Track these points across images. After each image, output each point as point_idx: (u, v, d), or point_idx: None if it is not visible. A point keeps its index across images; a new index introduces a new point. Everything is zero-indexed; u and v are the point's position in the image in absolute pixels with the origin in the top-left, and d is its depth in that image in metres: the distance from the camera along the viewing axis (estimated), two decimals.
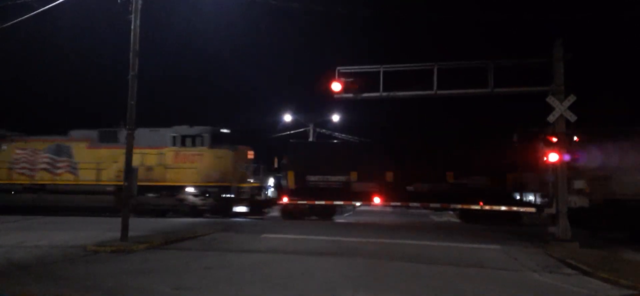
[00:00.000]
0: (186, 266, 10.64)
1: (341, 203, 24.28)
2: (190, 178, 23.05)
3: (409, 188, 22.99)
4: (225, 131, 24.01)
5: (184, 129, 23.60)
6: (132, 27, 13.97)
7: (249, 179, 24.32)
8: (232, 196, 23.02)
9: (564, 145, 15.10)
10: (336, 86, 16.39)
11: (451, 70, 16.26)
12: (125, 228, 13.69)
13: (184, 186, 23.22)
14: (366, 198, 23.68)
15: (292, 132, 36.34)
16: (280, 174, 26.47)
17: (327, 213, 23.74)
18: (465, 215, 23.30)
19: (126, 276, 9.47)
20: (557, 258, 12.60)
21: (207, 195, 23.15)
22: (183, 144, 23.33)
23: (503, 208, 21.82)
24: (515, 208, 22.14)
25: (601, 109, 21.97)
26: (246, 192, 23.59)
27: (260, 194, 25.13)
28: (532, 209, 21.77)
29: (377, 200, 23.32)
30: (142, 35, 14.24)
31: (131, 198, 14.60)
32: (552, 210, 15.78)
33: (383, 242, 15.42)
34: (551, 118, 15.06)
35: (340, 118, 37.24)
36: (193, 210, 23.00)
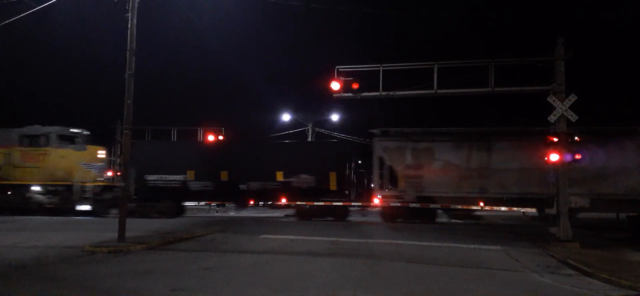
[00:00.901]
0: (184, 267, 10.54)
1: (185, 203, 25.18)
2: (36, 177, 23.64)
3: (242, 187, 23.57)
4: (75, 131, 24.48)
5: (33, 129, 24.18)
6: (129, 25, 13.86)
7: (98, 179, 24.57)
8: (75, 194, 23.50)
9: (565, 145, 15.02)
10: (335, 85, 16.34)
11: (451, 69, 16.18)
12: (122, 228, 13.60)
13: (31, 185, 23.71)
14: (203, 197, 24.33)
15: (290, 132, 36.22)
16: None
17: (172, 213, 23.73)
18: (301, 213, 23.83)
19: (123, 277, 9.37)
20: (558, 258, 12.53)
21: (52, 194, 23.61)
22: (31, 144, 23.94)
23: (503, 208, 21.78)
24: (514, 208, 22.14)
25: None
26: (89, 191, 23.75)
27: (110, 193, 24.65)
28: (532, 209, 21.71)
29: (213, 199, 24.38)
30: (138, 34, 14.14)
31: (128, 198, 14.49)
32: (553, 210, 15.71)
33: (383, 243, 15.33)
34: (552, 118, 14.99)
35: (340, 117, 37.13)
36: (40, 208, 23.40)
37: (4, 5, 14.29)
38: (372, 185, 23.30)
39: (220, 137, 26.65)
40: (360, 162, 26.94)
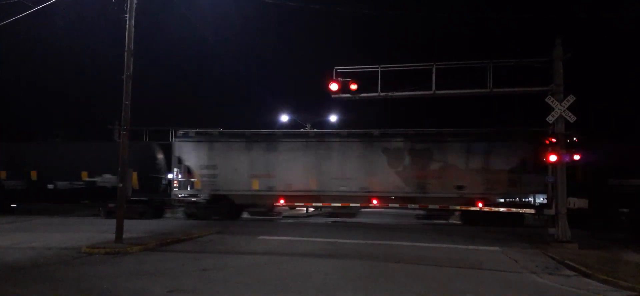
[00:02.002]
0: (182, 268, 10.50)
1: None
2: None
3: (49, 186, 23.71)
4: None
5: None
6: (127, 26, 13.82)
7: None
8: None
9: (563, 146, 15.01)
10: (333, 86, 16.30)
11: (450, 70, 16.18)
12: (120, 229, 13.55)
13: None
14: (15, 196, 24.23)
15: (289, 131, 36.11)
16: None
17: None
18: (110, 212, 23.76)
19: (121, 278, 9.33)
20: (556, 259, 12.52)
21: None
22: None
23: (502, 209, 21.73)
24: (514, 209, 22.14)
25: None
26: None
27: None
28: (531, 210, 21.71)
29: (25, 199, 24.30)
30: (136, 36, 14.10)
31: (126, 199, 14.44)
32: (552, 211, 15.70)
33: (382, 244, 15.30)
34: (550, 118, 14.99)
35: (338, 118, 37.06)
36: None
37: (2, 6, 14.23)
38: (174, 184, 23.87)
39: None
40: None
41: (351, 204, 22.60)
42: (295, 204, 24.64)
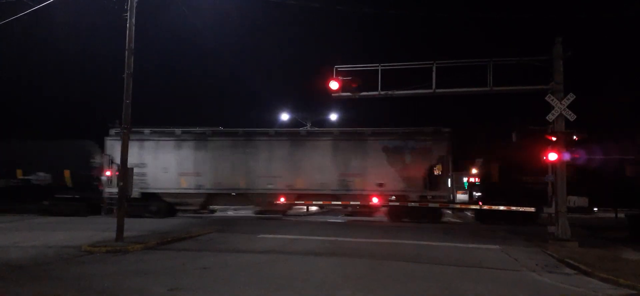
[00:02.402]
0: (182, 267, 10.51)
1: None
2: None
3: None
4: None
5: None
6: (128, 25, 13.83)
7: None
8: None
9: (564, 144, 15.01)
10: (334, 85, 16.29)
11: (450, 68, 16.16)
12: (120, 228, 13.56)
13: None
14: None
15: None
16: None
17: None
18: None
19: (121, 276, 9.35)
20: (556, 257, 12.53)
21: None
22: None
23: (502, 207, 21.87)
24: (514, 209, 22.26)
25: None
26: None
27: None
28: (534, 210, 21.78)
29: None
30: (137, 33, 14.10)
31: (127, 198, 14.46)
32: (552, 210, 15.71)
33: (382, 242, 15.33)
34: (550, 117, 14.98)
35: (339, 117, 37.07)
36: None
37: (2, 5, 14.23)
38: (106, 181, 24.03)
39: None
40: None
41: (277, 202, 23.25)
42: (226, 203, 25.38)
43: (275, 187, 22.90)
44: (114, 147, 23.32)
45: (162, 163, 23.39)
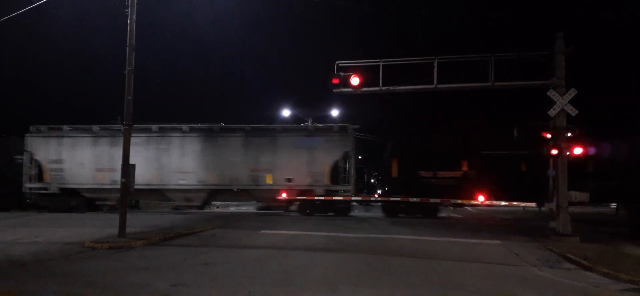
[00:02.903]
0: (184, 263, 10.57)
1: None
2: None
3: None
4: None
5: None
6: (128, 21, 13.83)
7: None
8: None
9: (565, 139, 15.02)
10: (335, 80, 16.27)
11: (451, 64, 16.13)
12: (122, 224, 13.61)
13: None
14: None
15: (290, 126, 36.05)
16: None
17: None
18: None
19: (124, 272, 9.40)
20: (557, 252, 12.56)
21: None
22: None
23: (503, 203, 22.05)
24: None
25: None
26: None
27: None
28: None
29: None
30: (138, 31, 14.10)
31: (129, 194, 14.51)
32: (553, 205, 15.73)
33: (383, 238, 15.37)
34: (552, 112, 14.98)
35: (340, 113, 37.04)
36: None
37: (4, 1, 14.25)
38: (26, 178, 24.70)
39: None
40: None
41: (191, 197, 23.93)
42: (142, 199, 26.21)
43: (188, 182, 23.58)
44: (33, 144, 24.44)
45: (80, 159, 24.19)
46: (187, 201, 24.08)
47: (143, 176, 22.96)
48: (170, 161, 23.82)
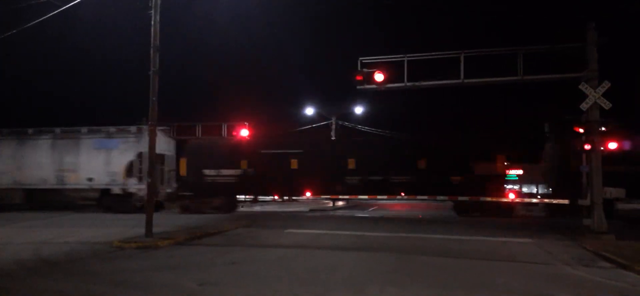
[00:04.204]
0: (211, 262, 10.60)
1: None
2: None
3: None
4: None
5: None
6: (152, 22, 13.92)
7: None
8: None
9: (598, 134, 14.50)
10: (359, 77, 16.08)
11: (478, 58, 15.72)
12: (149, 224, 13.73)
13: None
14: None
15: (314, 126, 36.03)
16: None
17: None
18: None
19: (152, 271, 9.47)
20: (592, 251, 12.16)
21: None
22: None
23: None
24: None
25: None
26: None
27: None
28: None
29: None
30: (161, 32, 14.18)
31: (155, 194, 14.64)
32: (587, 201, 15.23)
33: (410, 236, 15.15)
34: (584, 106, 14.47)
35: (364, 110, 36.74)
36: None
37: (28, 7, 14.52)
38: None
39: (246, 133, 27.34)
40: None
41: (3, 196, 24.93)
42: None
43: (3, 182, 24.89)
44: None
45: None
46: (9, 201, 25.20)
47: None
48: None
